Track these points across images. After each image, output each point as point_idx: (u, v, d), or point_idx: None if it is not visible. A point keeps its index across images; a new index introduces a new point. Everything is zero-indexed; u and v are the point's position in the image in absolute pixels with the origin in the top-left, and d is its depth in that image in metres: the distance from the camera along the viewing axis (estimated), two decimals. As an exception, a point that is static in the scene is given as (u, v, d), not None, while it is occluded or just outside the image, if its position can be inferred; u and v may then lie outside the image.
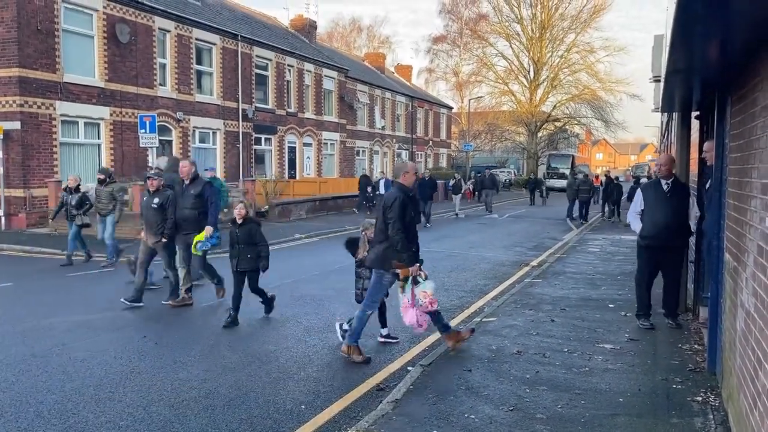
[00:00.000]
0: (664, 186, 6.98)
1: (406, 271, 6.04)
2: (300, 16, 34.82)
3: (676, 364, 5.82)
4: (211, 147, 23.71)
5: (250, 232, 7.37)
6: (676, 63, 4.54)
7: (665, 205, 6.89)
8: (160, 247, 8.41)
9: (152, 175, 8.59)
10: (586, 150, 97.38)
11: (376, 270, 6.21)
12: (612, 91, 52.00)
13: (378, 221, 6.18)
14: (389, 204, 5.96)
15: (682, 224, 6.91)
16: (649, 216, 7.02)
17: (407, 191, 6.18)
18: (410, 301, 6.08)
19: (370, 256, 6.31)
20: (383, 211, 6.02)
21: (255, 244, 7.37)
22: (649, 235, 7.01)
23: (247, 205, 7.66)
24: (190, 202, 8.39)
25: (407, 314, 6.14)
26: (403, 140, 42.12)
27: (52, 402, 5.00)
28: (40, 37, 16.42)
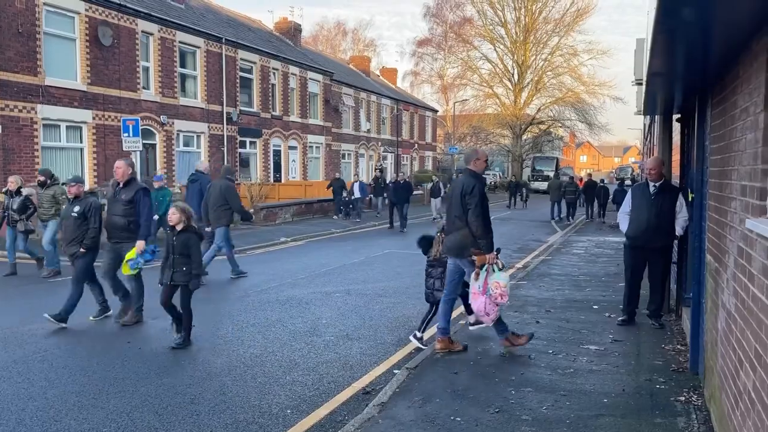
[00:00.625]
0: (651, 188, 7.09)
1: (483, 258, 5.99)
2: (284, 20, 34.76)
3: (660, 365, 5.88)
4: (196, 150, 23.56)
5: (187, 242, 6.57)
6: (657, 66, 4.60)
7: (649, 207, 7.00)
8: (79, 257, 7.58)
9: (70, 181, 7.82)
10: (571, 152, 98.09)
11: (454, 258, 6.20)
12: (595, 94, 52.54)
13: (452, 209, 6.15)
14: (468, 190, 5.94)
15: (664, 226, 6.99)
16: (634, 217, 7.16)
17: (480, 177, 6.20)
18: (481, 289, 6.01)
19: (446, 244, 6.27)
20: (460, 198, 5.99)
21: (189, 256, 6.57)
22: (633, 235, 7.16)
23: (186, 211, 6.73)
24: (121, 208, 7.54)
25: (476, 301, 6.09)
26: (388, 143, 42.17)
27: (34, 409, 4.94)
28: (21, 40, 16.24)
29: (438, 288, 6.64)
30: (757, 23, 3.17)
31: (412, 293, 9.72)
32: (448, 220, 6.28)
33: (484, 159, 6.41)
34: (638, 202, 7.17)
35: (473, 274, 6.10)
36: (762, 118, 3.18)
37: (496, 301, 5.98)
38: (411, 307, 8.73)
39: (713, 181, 4.86)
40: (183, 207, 6.76)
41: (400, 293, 9.72)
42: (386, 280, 10.94)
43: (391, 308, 8.67)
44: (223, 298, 9.24)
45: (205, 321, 7.81)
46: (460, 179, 6.28)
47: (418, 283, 10.58)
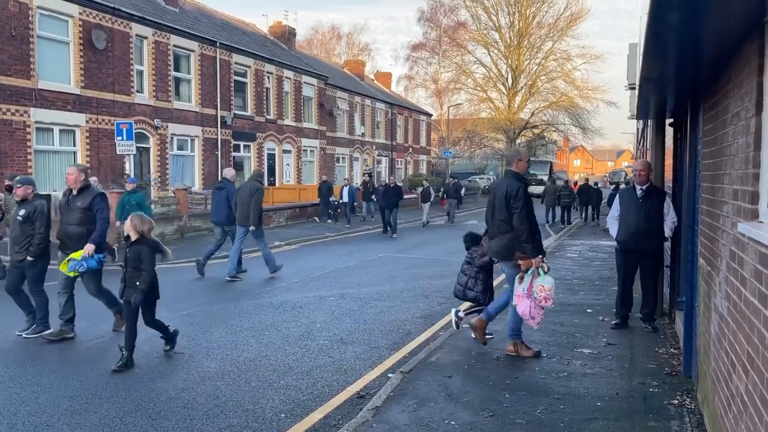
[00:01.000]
0: (638, 191, 7.15)
1: (529, 262, 5.94)
2: (279, 23, 34.77)
3: (653, 368, 5.89)
4: (190, 154, 23.52)
5: (139, 254, 6.04)
6: (650, 71, 4.63)
7: (637, 210, 7.06)
8: (27, 266, 7.02)
9: (16, 183, 7.32)
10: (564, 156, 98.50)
11: (502, 261, 6.20)
12: (589, 99, 52.71)
13: (497, 212, 6.09)
14: (513, 193, 5.90)
15: (653, 229, 7.03)
16: (623, 221, 7.20)
17: (523, 178, 6.18)
18: (525, 292, 5.95)
19: (492, 247, 6.25)
20: (504, 201, 5.95)
21: (141, 270, 6.03)
22: (623, 239, 7.21)
23: (143, 220, 6.21)
24: (77, 216, 7.04)
25: (521, 304, 6.02)
26: (383, 147, 42.21)
27: (26, 414, 4.91)
28: (14, 43, 16.18)
29: (470, 287, 6.67)
30: (747, 28, 3.20)
31: (406, 297, 9.72)
32: (492, 223, 6.22)
33: (527, 160, 6.40)
34: (626, 206, 7.21)
35: (517, 277, 6.09)
36: (753, 123, 3.20)
37: (541, 304, 5.96)
38: (405, 311, 8.73)
39: (705, 185, 4.88)
40: (140, 216, 6.27)
41: (395, 297, 9.72)
42: (380, 284, 10.93)
43: (386, 312, 8.66)
44: (217, 301, 9.21)
45: (198, 325, 7.79)
46: (503, 181, 6.22)
47: (412, 287, 10.60)
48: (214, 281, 11.05)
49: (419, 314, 8.59)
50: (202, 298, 9.42)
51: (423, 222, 23.51)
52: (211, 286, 10.51)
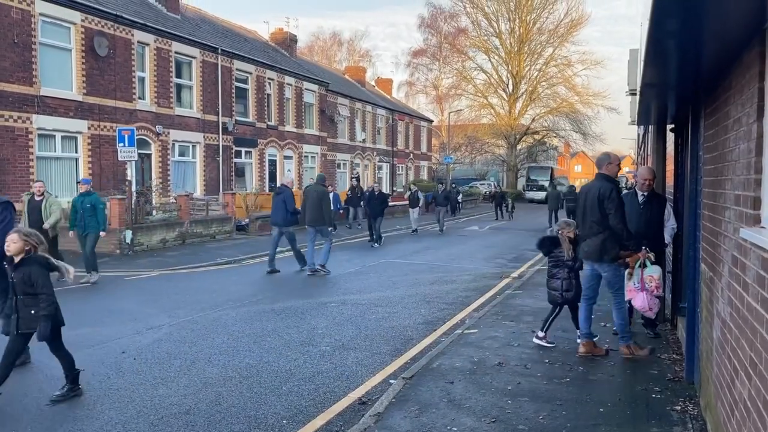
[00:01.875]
0: (640, 197, 7.15)
1: (636, 256, 6.23)
2: (280, 30, 34.87)
3: (655, 374, 5.88)
4: (191, 160, 23.56)
5: (30, 276, 5.10)
6: (651, 77, 4.64)
7: (638, 216, 7.05)
8: None
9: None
10: (565, 162, 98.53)
11: (592, 263, 6.24)
12: (589, 104, 52.89)
13: (588, 214, 6.18)
14: (606, 195, 6.01)
15: (653, 236, 7.02)
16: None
17: (615, 181, 6.31)
18: (638, 285, 6.23)
19: (584, 248, 6.30)
20: (597, 203, 6.04)
21: (35, 294, 5.10)
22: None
23: (30, 236, 5.27)
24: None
25: (637, 299, 6.29)
26: (383, 153, 42.26)
27: (29, 420, 4.90)
28: (16, 50, 16.24)
29: (567, 289, 6.71)
30: (748, 35, 3.21)
31: (407, 303, 9.72)
32: (583, 225, 6.29)
33: (617, 163, 6.47)
34: (627, 211, 7.20)
35: (626, 273, 6.28)
36: (755, 128, 3.21)
37: (654, 293, 6.20)
38: (406, 317, 8.72)
39: (707, 190, 4.89)
40: (26, 232, 5.32)
41: (396, 303, 9.71)
42: (381, 290, 10.93)
43: (387, 318, 8.66)
44: (219, 307, 9.21)
45: (200, 330, 7.79)
46: (595, 184, 6.28)
47: (413, 293, 10.60)
48: (213, 287, 11.05)
49: (421, 320, 8.58)
50: (204, 304, 9.42)
51: (412, 229, 22.70)
52: (212, 292, 10.51)
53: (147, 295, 10.38)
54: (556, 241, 6.82)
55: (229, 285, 11.30)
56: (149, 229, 16.28)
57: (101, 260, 13.93)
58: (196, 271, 13.20)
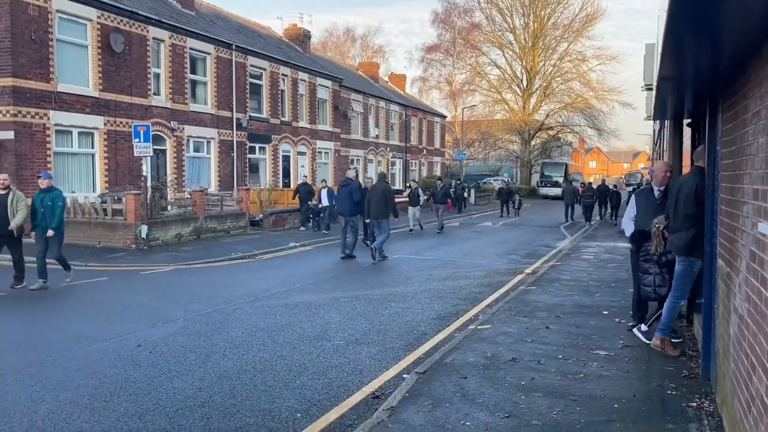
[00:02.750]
0: (656, 192, 7.07)
1: None
2: (294, 26, 34.93)
3: (671, 370, 5.84)
4: (206, 156, 23.70)
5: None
6: (668, 71, 4.59)
7: (655, 212, 6.94)
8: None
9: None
10: (580, 158, 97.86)
11: (683, 257, 6.13)
12: (604, 100, 52.45)
13: (680, 207, 6.04)
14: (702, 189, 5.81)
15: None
16: (641, 222, 7.08)
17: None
18: None
19: (674, 242, 6.19)
20: (693, 196, 5.88)
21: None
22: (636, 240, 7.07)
23: None
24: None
25: None
26: (397, 149, 42.23)
27: (47, 411, 4.97)
28: (33, 46, 16.42)
29: (660, 284, 6.64)
30: (767, 27, 3.17)
31: (420, 298, 9.72)
32: (675, 219, 6.15)
33: None
34: (644, 207, 7.12)
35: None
36: (774, 122, 3.17)
37: None
38: (419, 313, 8.72)
39: (725, 185, 4.84)
40: None
41: (409, 298, 9.72)
42: (394, 285, 10.94)
43: (400, 313, 8.67)
44: (233, 301, 9.27)
45: (215, 324, 7.84)
46: (690, 178, 6.11)
47: (426, 288, 10.60)
48: (228, 282, 11.12)
49: (434, 315, 8.58)
50: (219, 299, 9.48)
51: (409, 228, 21.28)
52: (227, 287, 10.57)
53: (162, 289, 10.47)
54: (646, 235, 6.73)
55: (243, 280, 11.37)
56: (164, 224, 16.41)
57: (116, 255, 14.09)
58: (211, 265, 13.30)
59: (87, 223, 15.63)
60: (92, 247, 15.16)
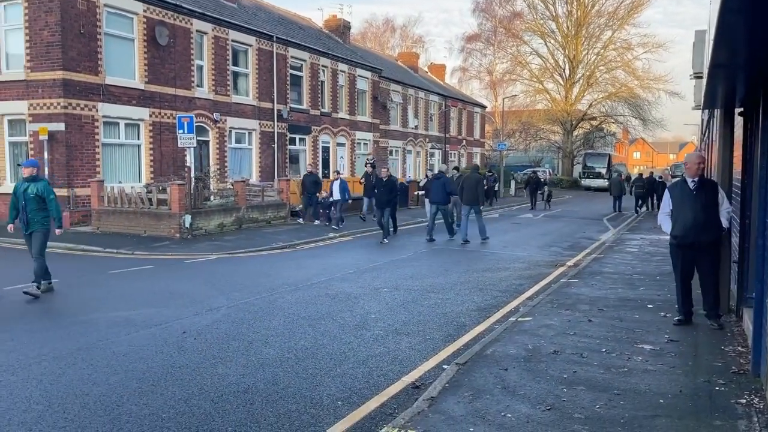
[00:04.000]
0: (691, 184, 6.92)
1: None
2: (334, 17, 35.01)
3: (719, 366, 5.69)
4: (247, 147, 24.03)
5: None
6: (721, 57, 4.44)
7: (692, 203, 6.83)
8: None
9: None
10: (623, 149, 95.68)
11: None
12: (650, 89, 51.11)
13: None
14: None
15: (710, 221, 6.79)
16: (679, 215, 6.97)
17: None
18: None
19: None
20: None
21: None
22: (681, 233, 6.95)
23: None
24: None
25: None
26: (436, 139, 42.03)
27: (98, 394, 5.15)
28: (83, 40, 16.88)
29: None
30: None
31: (460, 290, 9.69)
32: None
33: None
34: (679, 199, 6.99)
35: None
36: (835, 110, 3.04)
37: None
38: (459, 304, 8.70)
39: (779, 176, 4.67)
40: None
41: (448, 290, 9.69)
42: (434, 276, 10.92)
43: (440, 304, 8.66)
44: (274, 290, 9.41)
45: (256, 313, 7.98)
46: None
47: (466, 280, 10.56)
48: (269, 271, 11.28)
49: (474, 307, 8.55)
50: (261, 287, 9.64)
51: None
52: (268, 276, 10.73)
53: (205, 277, 10.70)
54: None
55: (284, 269, 11.52)
56: (207, 214, 16.73)
57: (161, 243, 14.44)
58: (253, 255, 13.51)
59: (133, 213, 16.05)
60: (138, 236, 15.57)
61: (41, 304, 8.53)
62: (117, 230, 16.05)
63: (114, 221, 16.22)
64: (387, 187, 16.09)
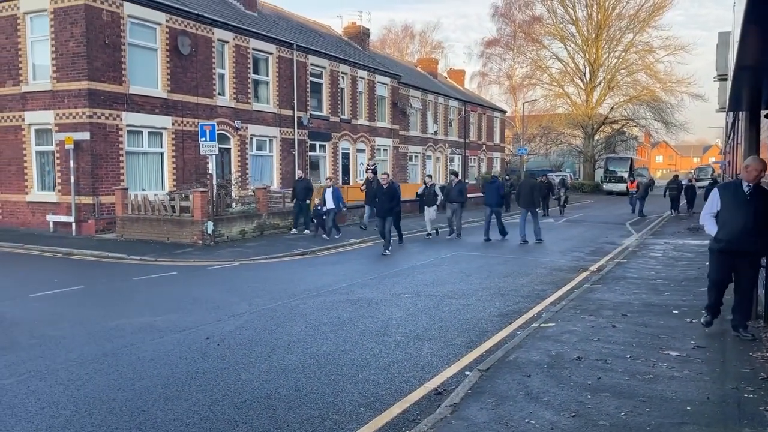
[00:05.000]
0: (746, 188, 6.52)
1: None
2: (353, 24, 35.21)
3: (747, 373, 5.59)
4: (268, 154, 24.21)
5: None
6: (746, 59, 4.39)
7: (745, 209, 6.44)
8: None
9: None
10: (646, 152, 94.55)
11: None
12: (672, 92, 50.51)
13: None
14: None
15: (760, 230, 6.46)
16: (726, 219, 6.57)
17: None
18: None
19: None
20: None
21: None
22: (725, 238, 6.58)
23: None
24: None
25: None
26: (456, 145, 41.96)
27: (123, 399, 5.22)
28: (107, 50, 17.17)
29: None
30: None
31: (481, 296, 9.64)
32: None
33: None
34: (730, 203, 6.56)
35: None
36: None
37: None
38: (481, 310, 8.66)
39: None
40: None
41: (469, 296, 9.66)
42: (455, 282, 10.89)
43: (461, 310, 8.63)
44: (296, 296, 9.45)
45: (279, 319, 8.02)
46: None
47: (487, 285, 10.51)
48: (291, 278, 11.33)
49: (495, 313, 8.50)
50: (282, 293, 9.69)
51: (426, 232, 18.43)
52: (290, 282, 10.78)
53: (228, 283, 10.79)
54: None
55: (305, 275, 11.57)
56: (229, 220, 16.88)
57: (184, 250, 14.59)
58: (274, 261, 13.60)
59: (157, 220, 16.25)
60: (161, 242, 15.76)
61: (68, 310, 8.67)
62: (141, 237, 16.26)
63: (138, 228, 16.45)
64: (388, 195, 15.04)
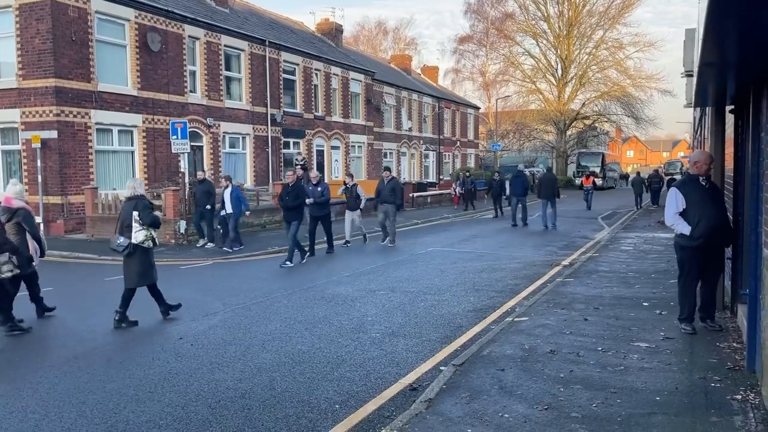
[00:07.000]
0: (703, 182, 6.57)
1: None
2: (326, 20, 35.05)
3: (714, 363, 5.72)
4: (241, 152, 24.02)
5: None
6: (710, 56, 4.47)
7: (713, 202, 6.46)
8: None
9: None
10: (617, 147, 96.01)
11: None
12: (642, 88, 51.29)
13: None
14: None
15: (728, 222, 6.58)
16: (700, 215, 6.40)
17: None
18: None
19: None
20: None
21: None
22: (704, 234, 6.35)
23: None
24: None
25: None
26: (430, 141, 42.09)
27: (94, 402, 5.14)
28: (74, 47, 16.85)
29: None
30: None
31: (456, 291, 9.70)
32: None
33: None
34: (699, 200, 6.47)
35: None
36: (823, 106, 3.06)
37: None
38: (456, 305, 8.71)
39: (770, 173, 4.70)
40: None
41: (444, 291, 9.71)
42: (430, 278, 10.94)
43: (436, 306, 8.67)
44: (271, 294, 9.40)
45: (253, 317, 7.97)
46: None
47: (462, 281, 10.58)
48: (265, 276, 11.26)
49: (470, 308, 8.56)
50: (257, 292, 9.63)
51: (345, 240, 15.74)
52: (264, 280, 10.72)
53: (201, 283, 10.68)
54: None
55: (281, 273, 11.51)
56: (202, 219, 16.67)
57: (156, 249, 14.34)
58: (248, 259, 13.50)
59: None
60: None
61: (35, 314, 8.49)
62: (112, 237, 15.96)
63: (109, 228, 16.08)
64: (292, 194, 12.62)
